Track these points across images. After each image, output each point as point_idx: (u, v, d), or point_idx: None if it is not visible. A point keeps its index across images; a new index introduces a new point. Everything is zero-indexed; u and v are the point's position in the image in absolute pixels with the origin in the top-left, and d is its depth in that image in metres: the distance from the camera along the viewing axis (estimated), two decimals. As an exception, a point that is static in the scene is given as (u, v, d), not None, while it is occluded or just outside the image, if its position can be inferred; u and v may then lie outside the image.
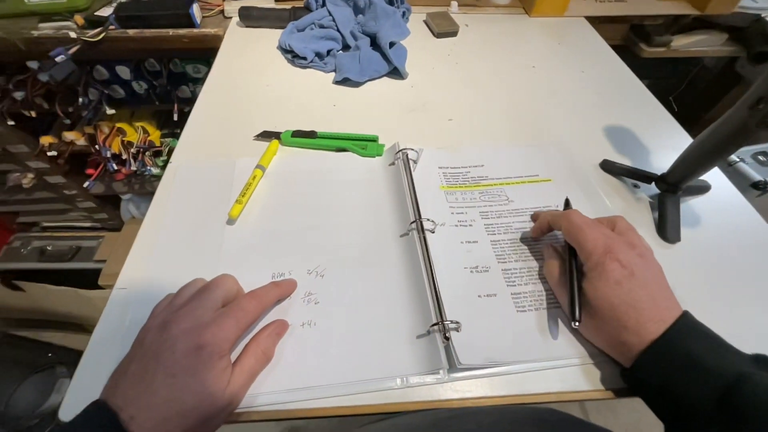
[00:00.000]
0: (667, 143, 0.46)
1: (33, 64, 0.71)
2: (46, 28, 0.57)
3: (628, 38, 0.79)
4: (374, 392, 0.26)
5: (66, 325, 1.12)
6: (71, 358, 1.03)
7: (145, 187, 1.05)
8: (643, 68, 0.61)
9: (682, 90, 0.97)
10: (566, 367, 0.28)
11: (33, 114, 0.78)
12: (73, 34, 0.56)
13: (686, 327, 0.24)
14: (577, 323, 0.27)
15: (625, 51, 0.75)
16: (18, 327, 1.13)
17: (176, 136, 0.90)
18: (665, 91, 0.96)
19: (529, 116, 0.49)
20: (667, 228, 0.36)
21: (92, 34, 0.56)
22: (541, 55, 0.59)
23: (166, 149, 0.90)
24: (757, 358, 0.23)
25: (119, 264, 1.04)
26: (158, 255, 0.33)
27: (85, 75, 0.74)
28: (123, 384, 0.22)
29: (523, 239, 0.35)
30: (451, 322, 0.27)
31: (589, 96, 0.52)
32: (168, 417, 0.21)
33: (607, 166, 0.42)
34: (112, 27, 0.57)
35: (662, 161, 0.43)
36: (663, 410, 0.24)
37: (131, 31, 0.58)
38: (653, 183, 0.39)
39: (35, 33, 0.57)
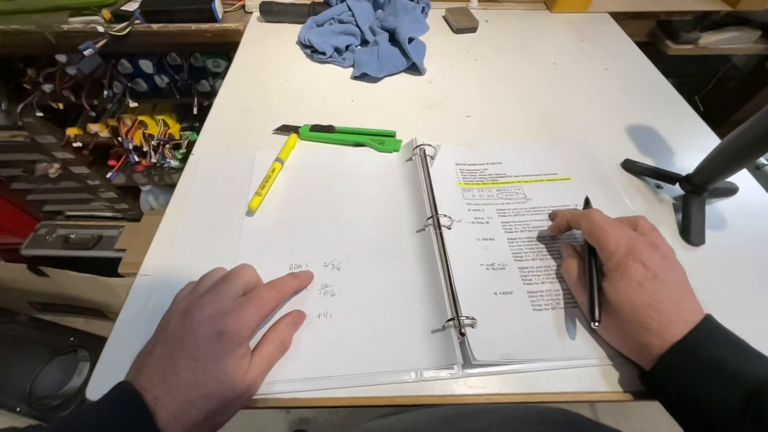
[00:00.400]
0: (692, 143, 0.44)
1: (62, 58, 0.73)
2: (76, 23, 0.59)
3: (654, 35, 0.76)
4: (388, 385, 0.27)
5: (87, 311, 1.17)
6: (92, 343, 1.06)
7: (164, 179, 1.08)
8: (669, 66, 0.59)
9: (710, 89, 0.93)
10: (583, 367, 0.27)
11: (61, 106, 0.81)
12: (100, 28, 0.57)
13: (710, 330, 0.24)
14: (596, 323, 0.26)
15: (651, 48, 0.73)
16: (42, 311, 1.17)
17: (195, 130, 0.92)
18: (692, 90, 0.93)
19: (550, 114, 0.48)
20: (692, 230, 0.35)
21: (119, 29, 0.58)
22: (562, 52, 0.58)
23: (185, 142, 0.92)
24: None
25: (138, 253, 1.07)
26: (180, 243, 0.34)
27: (111, 68, 0.76)
28: (148, 366, 0.23)
29: (541, 238, 0.35)
30: (467, 317, 0.27)
31: (612, 94, 0.51)
32: (191, 399, 0.22)
33: (629, 166, 0.41)
34: (137, 21, 0.59)
35: (687, 162, 0.42)
36: (683, 415, 0.24)
37: (155, 26, 0.60)
38: (677, 184, 0.38)
39: (65, 27, 0.59)
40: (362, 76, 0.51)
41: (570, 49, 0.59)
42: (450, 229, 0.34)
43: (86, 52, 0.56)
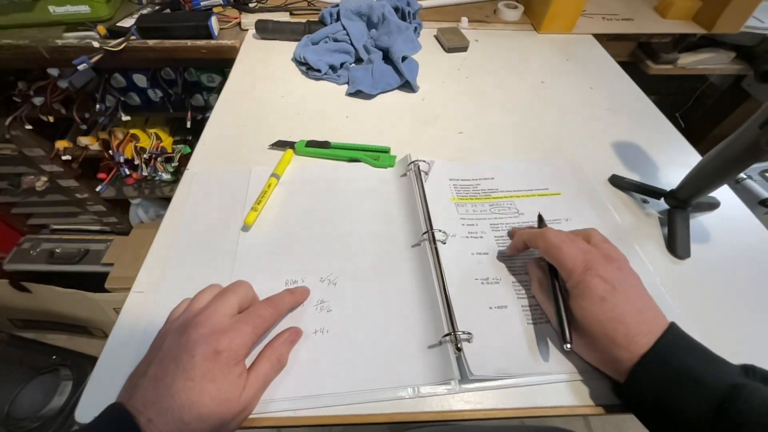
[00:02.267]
0: (675, 159, 0.46)
1: (53, 71, 0.73)
2: (71, 38, 0.59)
3: (635, 55, 0.80)
4: (385, 401, 0.26)
5: (71, 328, 1.13)
6: (75, 361, 1.03)
7: (155, 192, 1.07)
8: (650, 84, 0.61)
9: (689, 106, 0.97)
10: (578, 381, 0.28)
11: (51, 119, 0.80)
12: (96, 44, 0.58)
13: (675, 338, 0.24)
14: (568, 346, 0.26)
15: (633, 67, 0.76)
16: (23, 328, 1.13)
17: (188, 143, 0.92)
18: (672, 107, 0.97)
19: (539, 131, 0.50)
20: (677, 244, 0.36)
21: (114, 44, 0.58)
22: (550, 71, 0.60)
23: (178, 155, 0.92)
24: (746, 369, 0.23)
25: (126, 268, 1.04)
26: (174, 259, 0.33)
27: (104, 82, 0.76)
28: (141, 387, 0.22)
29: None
30: (463, 332, 0.28)
31: (597, 111, 0.53)
32: (186, 421, 0.21)
33: (616, 181, 0.43)
34: (133, 37, 0.59)
35: (671, 177, 0.44)
36: (658, 426, 0.24)
37: (151, 42, 0.60)
38: (662, 198, 0.40)
39: (60, 42, 0.59)
40: (357, 93, 0.52)
41: (557, 69, 0.61)
42: (445, 243, 0.34)
43: (80, 67, 0.56)
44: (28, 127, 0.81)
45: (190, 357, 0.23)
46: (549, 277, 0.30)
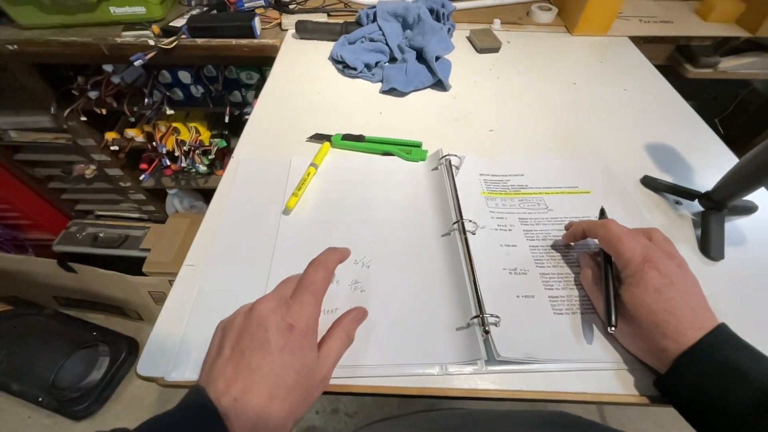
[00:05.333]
0: (711, 163, 0.45)
1: (108, 68, 0.79)
2: (128, 36, 0.64)
3: (674, 58, 0.78)
4: (414, 377, 0.28)
5: (108, 308, 1.20)
6: (112, 339, 1.10)
7: (190, 183, 1.12)
8: (688, 88, 0.60)
9: (730, 112, 0.94)
10: (602, 370, 0.28)
11: (103, 112, 0.87)
12: (151, 42, 0.62)
13: (724, 335, 0.25)
14: (613, 328, 0.27)
15: (670, 71, 0.75)
16: (66, 306, 1.22)
17: (224, 137, 0.97)
18: (711, 112, 0.94)
19: (570, 130, 0.50)
20: (711, 245, 0.36)
21: (167, 42, 0.63)
22: (582, 73, 0.60)
23: (214, 149, 0.97)
24: None
25: (162, 254, 1.10)
26: (220, 237, 0.36)
27: (152, 78, 0.82)
28: (218, 368, 0.22)
29: (561, 246, 0.36)
30: (491, 315, 0.29)
31: (631, 113, 0.53)
32: (274, 394, 0.21)
33: (649, 182, 0.42)
34: (183, 36, 0.64)
35: (705, 180, 0.43)
36: (698, 417, 0.24)
37: (200, 40, 0.65)
38: (696, 200, 0.39)
39: (118, 40, 0.64)
40: (390, 91, 0.54)
41: (590, 70, 0.61)
42: (474, 234, 0.36)
43: (136, 63, 0.61)
44: (83, 118, 0.88)
45: (264, 331, 0.23)
46: (603, 265, 0.30)
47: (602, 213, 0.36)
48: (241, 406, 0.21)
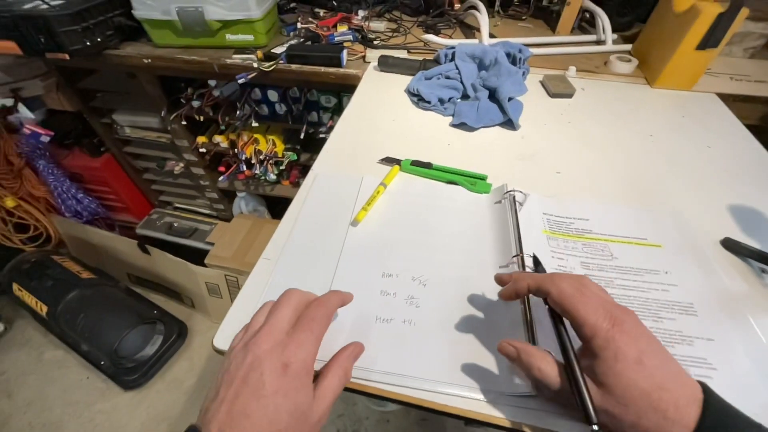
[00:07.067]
0: (808, 234, 0.42)
1: (211, 82, 0.92)
2: (237, 59, 0.75)
3: None
4: (461, 398, 0.29)
5: (168, 292, 1.33)
6: (168, 320, 1.20)
7: (258, 189, 1.23)
8: (784, 152, 0.56)
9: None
10: None
11: (201, 119, 1.00)
12: (255, 64, 0.72)
13: (719, 406, 0.22)
14: (596, 427, 0.22)
15: (763, 132, 0.70)
16: (135, 284, 1.36)
17: (296, 152, 1.06)
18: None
19: (642, 182, 0.49)
20: (802, 322, 0.33)
21: (267, 66, 0.72)
22: (660, 125, 0.59)
23: (286, 161, 1.06)
24: None
25: (224, 248, 1.20)
26: (294, 239, 0.40)
27: (245, 95, 0.93)
28: (214, 411, 0.22)
29: (624, 296, 0.35)
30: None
31: (713, 171, 0.50)
32: None
33: (730, 245, 0.40)
34: (281, 61, 0.73)
35: (801, 252, 0.39)
36: None
37: (294, 66, 0.74)
38: (787, 271, 0.36)
39: (228, 61, 0.75)
40: (460, 125, 0.57)
41: (670, 124, 0.59)
42: (532, 269, 0.36)
43: (240, 81, 0.71)
44: (184, 123, 1.02)
45: (259, 374, 0.23)
46: (558, 333, 0.25)
47: (536, 262, 0.31)
48: None
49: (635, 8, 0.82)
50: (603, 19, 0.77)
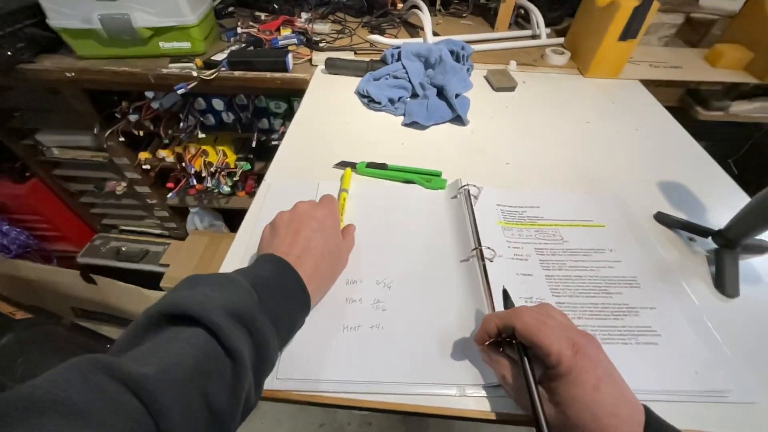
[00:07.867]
0: (724, 202, 0.47)
1: (149, 94, 0.86)
2: (174, 68, 0.70)
3: (684, 101, 0.81)
4: (432, 396, 0.29)
5: (123, 322, 1.23)
6: (124, 353, 1.11)
7: (212, 203, 1.17)
8: (699, 130, 0.62)
9: (744, 153, 0.95)
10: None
11: (141, 133, 0.93)
12: (194, 73, 0.68)
13: (656, 425, 0.23)
14: None
15: (681, 112, 0.77)
16: (81, 318, 1.25)
17: (249, 161, 1.02)
18: (724, 153, 0.95)
19: (583, 167, 0.52)
20: (726, 282, 0.37)
21: (208, 74, 0.68)
22: (595, 112, 0.63)
23: (239, 171, 1.02)
24: None
25: (180, 269, 1.14)
26: (252, 254, 0.39)
27: (188, 105, 0.88)
28: (280, 239, 0.32)
29: (577, 277, 0.37)
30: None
31: (643, 152, 0.55)
32: (322, 256, 0.32)
33: (662, 218, 0.44)
34: (223, 69, 0.70)
35: (719, 219, 0.44)
36: None
37: (237, 73, 0.70)
38: (710, 238, 0.41)
39: (164, 71, 0.71)
40: (412, 124, 0.57)
41: (602, 110, 0.64)
42: (492, 261, 0.37)
43: (179, 92, 0.67)
44: (121, 139, 0.94)
45: (310, 217, 0.34)
46: (522, 365, 0.26)
47: (506, 296, 0.32)
48: (301, 261, 0.31)
49: (564, 3, 0.88)
50: (536, 15, 0.81)
